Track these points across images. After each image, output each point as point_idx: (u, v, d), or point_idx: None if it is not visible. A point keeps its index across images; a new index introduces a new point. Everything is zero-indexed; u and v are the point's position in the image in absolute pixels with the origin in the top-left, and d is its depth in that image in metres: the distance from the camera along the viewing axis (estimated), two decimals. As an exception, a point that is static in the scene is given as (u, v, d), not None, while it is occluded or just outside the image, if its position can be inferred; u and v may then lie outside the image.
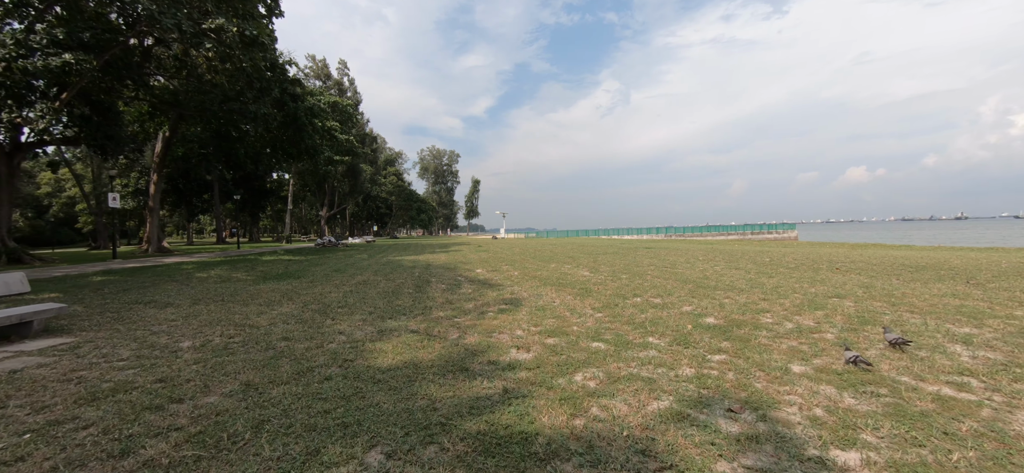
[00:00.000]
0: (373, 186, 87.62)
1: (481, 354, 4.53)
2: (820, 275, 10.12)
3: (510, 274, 11.97)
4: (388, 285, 10.21)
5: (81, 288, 10.52)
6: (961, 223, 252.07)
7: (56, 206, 71.15)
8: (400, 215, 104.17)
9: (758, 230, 79.52)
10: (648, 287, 8.85)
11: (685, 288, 8.57)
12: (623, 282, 9.70)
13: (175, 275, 13.32)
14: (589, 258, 16.76)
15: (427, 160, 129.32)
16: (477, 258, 18.35)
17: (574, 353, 4.49)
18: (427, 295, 8.56)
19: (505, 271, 12.79)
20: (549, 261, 15.87)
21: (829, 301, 6.88)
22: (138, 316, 6.98)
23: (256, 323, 6.24)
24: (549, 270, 12.70)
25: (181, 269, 15.40)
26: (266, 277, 12.41)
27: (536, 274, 11.77)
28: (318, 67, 69.73)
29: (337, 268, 14.97)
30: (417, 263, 16.36)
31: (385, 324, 6.05)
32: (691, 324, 5.60)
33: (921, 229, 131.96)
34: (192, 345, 5.15)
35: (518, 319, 6.18)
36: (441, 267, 14.55)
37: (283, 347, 4.93)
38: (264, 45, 18.54)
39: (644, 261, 14.93)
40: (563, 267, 13.55)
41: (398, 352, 4.64)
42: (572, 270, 12.57)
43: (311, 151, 34.93)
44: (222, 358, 4.55)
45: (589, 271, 12.23)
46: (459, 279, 11.11)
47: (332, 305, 7.65)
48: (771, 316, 5.97)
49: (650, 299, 7.49)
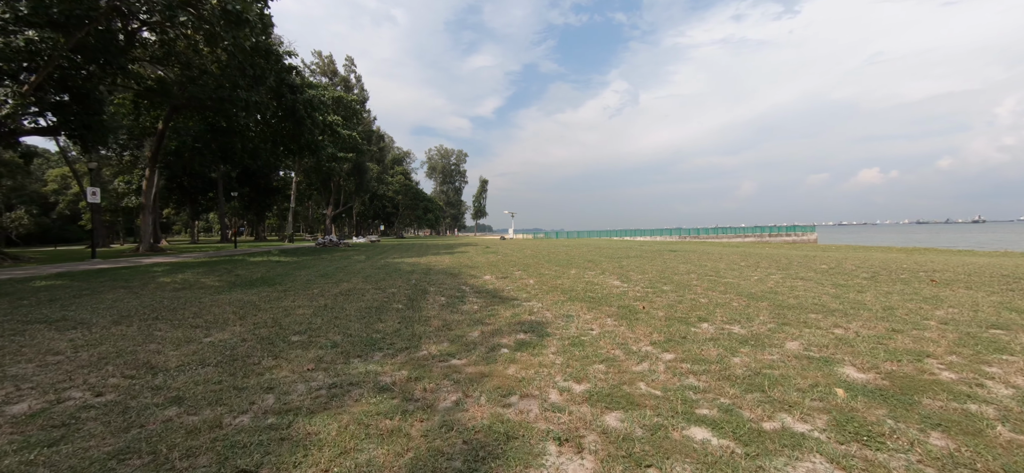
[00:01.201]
0: (380, 185, 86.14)
1: (494, 456, 2.49)
2: (923, 289, 7.91)
3: (525, 283, 9.91)
4: (375, 297, 8.21)
5: (3, 296, 8.69)
6: (979, 226, 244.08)
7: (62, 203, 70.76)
8: (407, 215, 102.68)
9: (776, 232, 76.57)
10: (709, 306, 6.74)
11: (760, 309, 6.44)
12: (671, 298, 7.59)
13: (135, 279, 11.48)
14: (611, 262, 14.63)
15: (435, 160, 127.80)
16: (485, 261, 16.30)
17: (669, 458, 2.43)
18: (420, 314, 6.53)
19: (518, 279, 10.74)
20: (567, 265, 13.79)
21: (994, 335, 4.72)
22: (22, 343, 5.06)
23: (161, 364, 4.26)
24: (570, 278, 10.62)
25: (151, 272, 13.60)
26: (237, 283, 10.51)
27: (556, 283, 9.69)
28: (324, 64, 68.26)
29: (325, 272, 13.04)
30: (417, 267, 14.36)
31: (347, 370, 4.02)
32: (831, 381, 3.49)
33: (943, 232, 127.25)
34: (26, 410, 3.19)
35: (547, 363, 4.11)
36: (443, 272, 12.54)
37: (155, 430, 2.90)
38: (251, 23, 16.73)
39: (679, 267, 12.76)
40: (586, 274, 11.46)
41: (346, 445, 2.61)
42: (598, 278, 10.48)
43: (312, 147, 33.25)
44: (24, 454, 2.55)
45: (619, 279, 10.13)
46: (463, 290, 9.08)
47: (290, 329, 5.65)
48: (941, 363, 3.84)
49: (726, 327, 5.38)
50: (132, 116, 30.74)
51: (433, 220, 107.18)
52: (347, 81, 70.03)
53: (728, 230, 79.12)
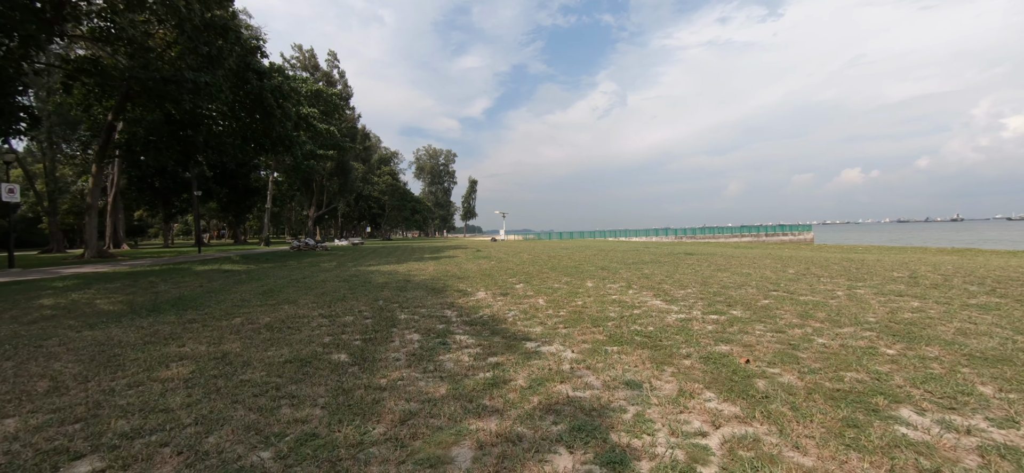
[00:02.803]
0: (365, 185, 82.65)
1: None
2: (1006, 298, 5.47)
3: (532, 305, 7.22)
4: (312, 336, 5.47)
5: None
6: (958, 225, 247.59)
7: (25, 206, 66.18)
8: (394, 216, 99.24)
9: (771, 232, 75.12)
10: (852, 356, 4.14)
11: (952, 363, 3.88)
12: (765, 336, 4.99)
13: (10, 299, 8.55)
14: (630, 270, 12.01)
15: (423, 160, 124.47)
16: (476, 269, 13.55)
17: None
18: (368, 382, 3.80)
19: (522, 297, 8.06)
20: (577, 275, 11.13)
21: None
22: None
23: None
24: (591, 295, 7.98)
25: (47, 287, 10.61)
26: (140, 309, 7.66)
27: (577, 306, 7.03)
28: (305, 58, 64.76)
29: (271, 288, 10.20)
30: (393, 278, 11.59)
31: None
32: None
33: (927, 230, 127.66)
34: None
35: None
36: (424, 286, 9.80)
37: None
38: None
39: (718, 276, 10.17)
40: (607, 286, 8.83)
41: None
42: (629, 295, 7.85)
43: (286, 142, 30.17)
44: None
45: (658, 297, 7.52)
46: (448, 318, 6.36)
47: (102, 428, 2.92)
48: None
49: (947, 416, 2.81)
50: (81, 106, 27.35)
51: (421, 221, 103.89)
52: (330, 76, 66.66)
53: (717, 230, 77.16)
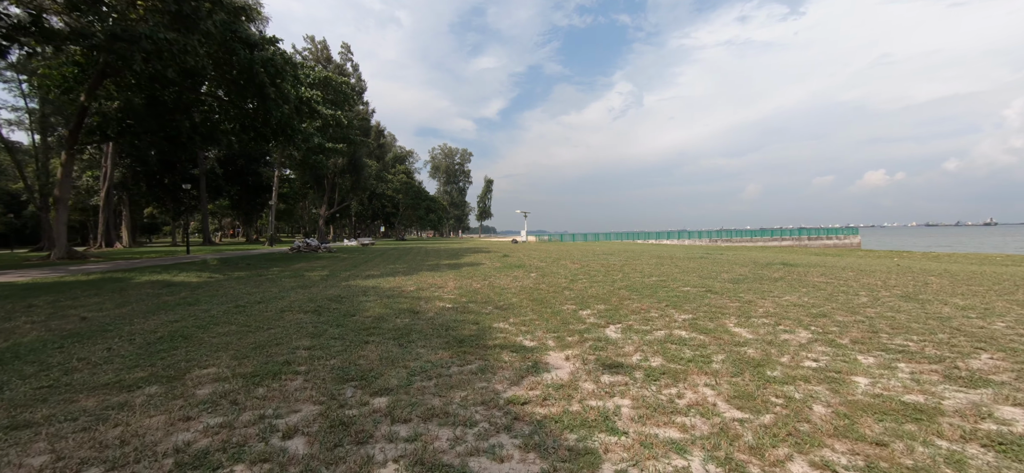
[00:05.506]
0: (379, 183, 79.56)
1: None
2: None
3: (689, 400, 3.27)
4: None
5: None
6: (991, 229, 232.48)
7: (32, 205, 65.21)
8: (408, 215, 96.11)
9: (815, 235, 69.21)
10: None
11: None
12: None
13: None
14: (725, 287, 7.87)
15: (438, 159, 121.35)
16: (516, 288, 9.52)
17: None
18: None
19: (637, 363, 4.11)
20: (669, 299, 7.09)
21: None
22: None
23: None
24: (752, 345, 4.00)
25: None
26: None
27: (771, 394, 3.06)
28: (317, 50, 61.92)
29: (179, 331, 6.37)
30: (394, 306, 7.70)
31: None
32: None
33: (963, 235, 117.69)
34: None
35: None
36: (441, 330, 5.85)
37: None
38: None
39: (907, 308, 6.01)
40: (759, 329, 4.82)
41: None
42: (814, 351, 3.84)
43: (286, 129, 26.76)
44: None
45: (874, 354, 3.52)
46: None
47: None
48: None
49: None
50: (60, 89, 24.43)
51: (436, 221, 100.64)
52: (342, 68, 63.65)
53: (734, 233, 70.93)
